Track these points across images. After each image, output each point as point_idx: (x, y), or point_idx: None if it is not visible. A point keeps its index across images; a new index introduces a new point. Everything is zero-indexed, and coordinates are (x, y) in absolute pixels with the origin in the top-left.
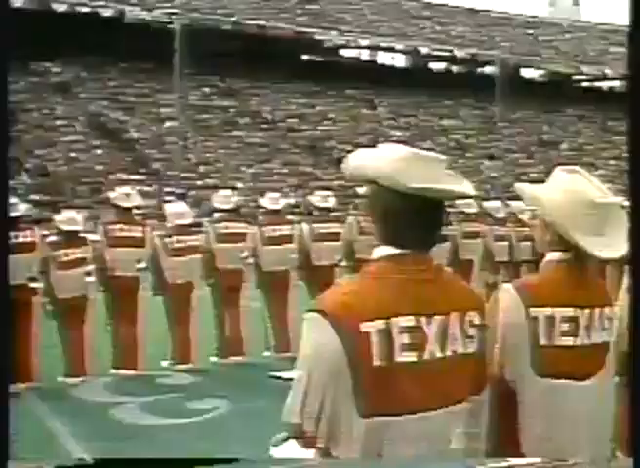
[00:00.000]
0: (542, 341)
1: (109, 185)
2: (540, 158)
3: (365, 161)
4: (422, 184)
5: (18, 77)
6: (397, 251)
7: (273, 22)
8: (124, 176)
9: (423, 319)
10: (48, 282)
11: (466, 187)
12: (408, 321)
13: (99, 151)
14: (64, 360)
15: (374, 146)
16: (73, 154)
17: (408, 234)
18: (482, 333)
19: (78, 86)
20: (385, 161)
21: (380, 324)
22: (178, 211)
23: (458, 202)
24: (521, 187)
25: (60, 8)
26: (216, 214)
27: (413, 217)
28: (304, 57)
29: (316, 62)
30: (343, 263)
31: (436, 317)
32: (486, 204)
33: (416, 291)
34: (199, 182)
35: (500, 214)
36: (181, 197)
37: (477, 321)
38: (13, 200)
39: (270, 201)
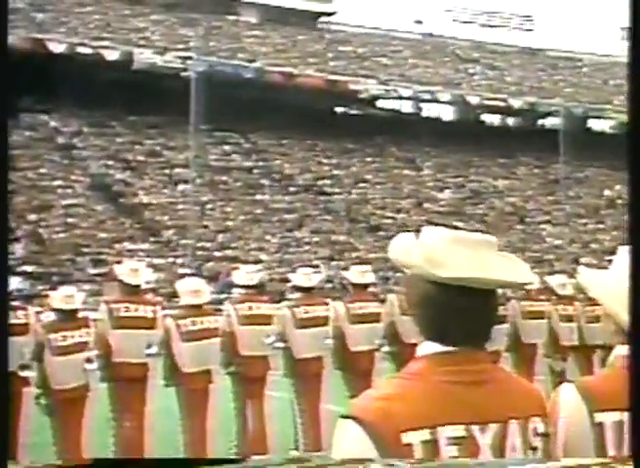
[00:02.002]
0: (611, 453)
1: (114, 257)
2: (612, 223)
3: (401, 248)
4: (461, 273)
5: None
6: (443, 348)
7: (301, 69)
8: (131, 246)
9: (476, 428)
10: (42, 370)
11: (520, 273)
12: (457, 430)
13: (102, 217)
14: (59, 460)
15: (417, 206)
16: (72, 220)
17: (455, 328)
18: (548, 444)
19: (79, 142)
20: (422, 247)
21: (425, 434)
22: (193, 287)
23: None
24: (581, 272)
25: (58, 48)
26: (237, 292)
27: (459, 309)
28: (337, 109)
29: (351, 116)
30: (385, 349)
31: (491, 425)
32: (549, 278)
33: (466, 395)
34: (217, 254)
35: (567, 291)
36: (197, 271)
37: (542, 429)
38: None
39: (302, 277)
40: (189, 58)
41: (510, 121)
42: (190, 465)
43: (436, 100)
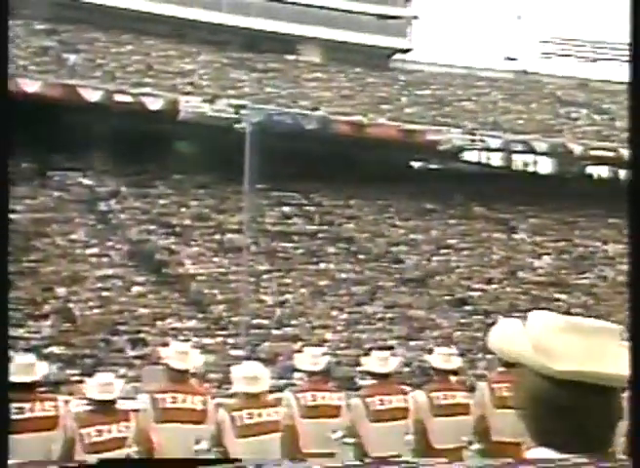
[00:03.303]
0: None
1: (157, 337)
2: None
3: (505, 335)
4: (578, 367)
5: (34, 191)
6: (556, 456)
7: (372, 117)
8: (176, 324)
9: None
10: None
11: None
12: None
13: (142, 290)
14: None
15: (510, 276)
16: (108, 293)
17: (571, 432)
18: None
19: (116, 203)
20: (530, 334)
21: None
22: (250, 373)
23: None
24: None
25: (94, 96)
26: (299, 378)
27: (576, 409)
28: (414, 163)
29: (430, 171)
30: (474, 447)
31: None
32: None
33: None
34: (275, 332)
35: None
36: (252, 353)
37: None
38: (27, 355)
39: (375, 361)
40: (243, 106)
41: (621, 174)
42: (190, 465)
43: (532, 151)
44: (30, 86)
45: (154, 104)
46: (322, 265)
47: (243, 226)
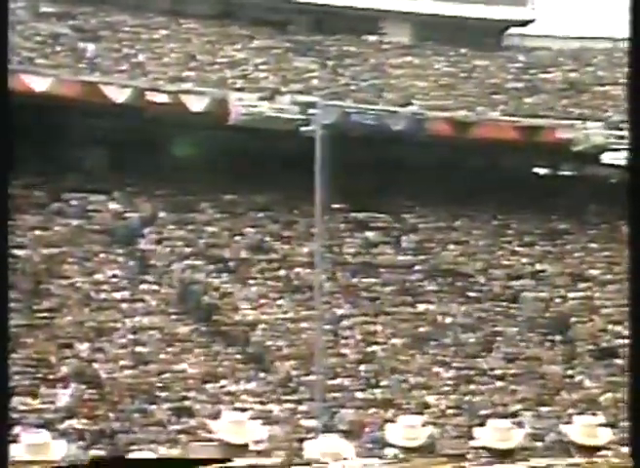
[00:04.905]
0: None
1: (206, 404)
2: None
3: None
4: None
5: (47, 219)
6: None
7: (481, 112)
8: (231, 387)
9: None
10: None
11: None
12: None
13: (187, 344)
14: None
15: None
16: (143, 349)
17: None
18: None
19: (153, 233)
20: None
21: None
22: (328, 450)
23: None
24: None
25: (120, 96)
26: (392, 454)
27: None
28: (538, 170)
29: (560, 179)
30: None
31: None
32: None
33: None
34: (360, 396)
35: None
36: (330, 423)
37: None
38: (39, 432)
39: (493, 433)
40: (311, 103)
41: None
42: (190, 465)
43: None
44: (39, 83)
45: (197, 104)
46: (420, 307)
47: (315, 258)
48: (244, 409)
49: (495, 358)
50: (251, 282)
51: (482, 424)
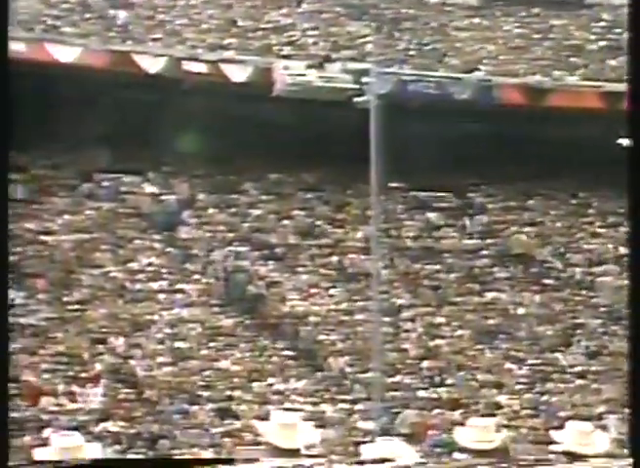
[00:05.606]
0: None
1: (252, 404)
2: None
3: None
4: None
5: (77, 203)
6: None
7: (559, 78)
8: (280, 386)
9: None
10: None
11: None
12: None
13: (231, 339)
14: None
15: None
16: (183, 344)
17: None
18: None
19: (192, 216)
20: None
21: None
22: (384, 455)
23: None
24: None
25: (155, 66)
26: (460, 460)
27: None
28: (624, 141)
29: None
30: None
31: None
32: None
33: None
34: (423, 395)
35: None
36: (389, 425)
37: None
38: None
39: (575, 437)
40: (365, 71)
41: None
42: (190, 465)
43: None
44: (66, 54)
45: (239, 74)
46: (489, 296)
47: (370, 243)
48: (294, 410)
49: (574, 353)
50: (300, 270)
51: (561, 427)
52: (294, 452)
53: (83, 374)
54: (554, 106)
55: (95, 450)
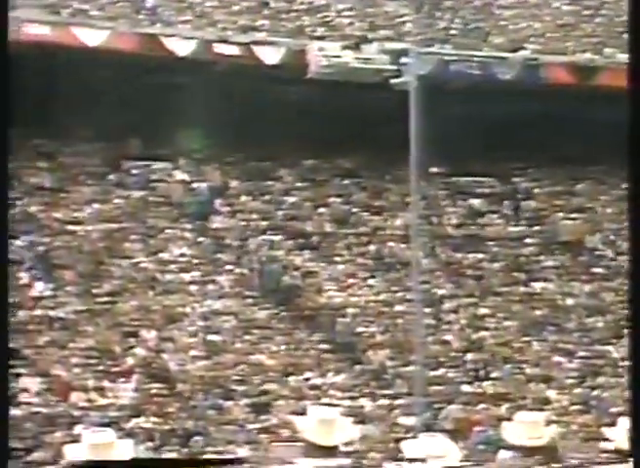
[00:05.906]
0: None
1: (288, 399)
2: None
3: None
4: None
5: (106, 191)
6: None
7: (610, 55)
8: (317, 380)
9: None
10: None
11: None
12: None
13: (266, 331)
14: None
15: None
16: (216, 337)
17: None
18: None
19: (223, 204)
20: None
21: None
22: (428, 452)
23: None
24: None
25: (184, 48)
26: (507, 457)
27: None
28: None
29: None
30: None
31: None
32: None
33: None
34: (467, 389)
35: None
36: (432, 421)
37: None
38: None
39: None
40: (404, 51)
41: None
42: (190, 465)
43: None
44: (93, 37)
45: (272, 56)
46: (536, 285)
47: (410, 231)
48: (332, 406)
49: (627, 346)
50: (337, 259)
51: (613, 424)
52: (332, 450)
53: (114, 369)
54: (604, 85)
55: (127, 447)
